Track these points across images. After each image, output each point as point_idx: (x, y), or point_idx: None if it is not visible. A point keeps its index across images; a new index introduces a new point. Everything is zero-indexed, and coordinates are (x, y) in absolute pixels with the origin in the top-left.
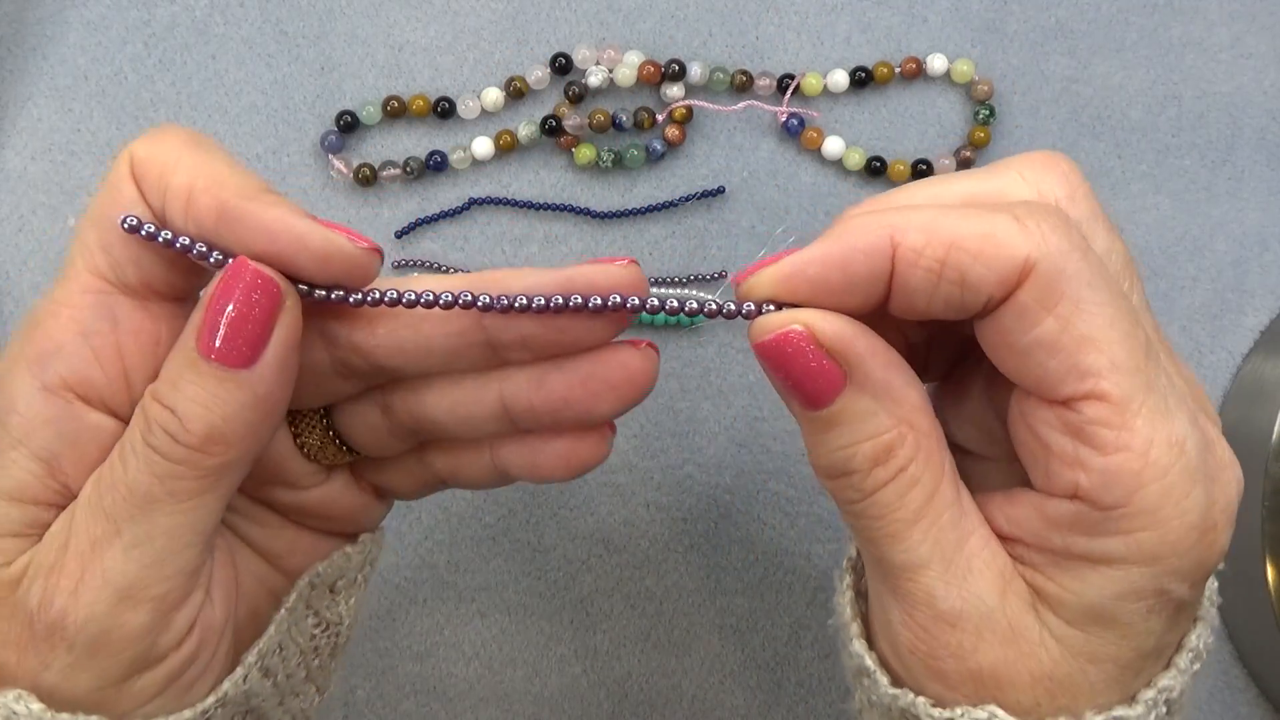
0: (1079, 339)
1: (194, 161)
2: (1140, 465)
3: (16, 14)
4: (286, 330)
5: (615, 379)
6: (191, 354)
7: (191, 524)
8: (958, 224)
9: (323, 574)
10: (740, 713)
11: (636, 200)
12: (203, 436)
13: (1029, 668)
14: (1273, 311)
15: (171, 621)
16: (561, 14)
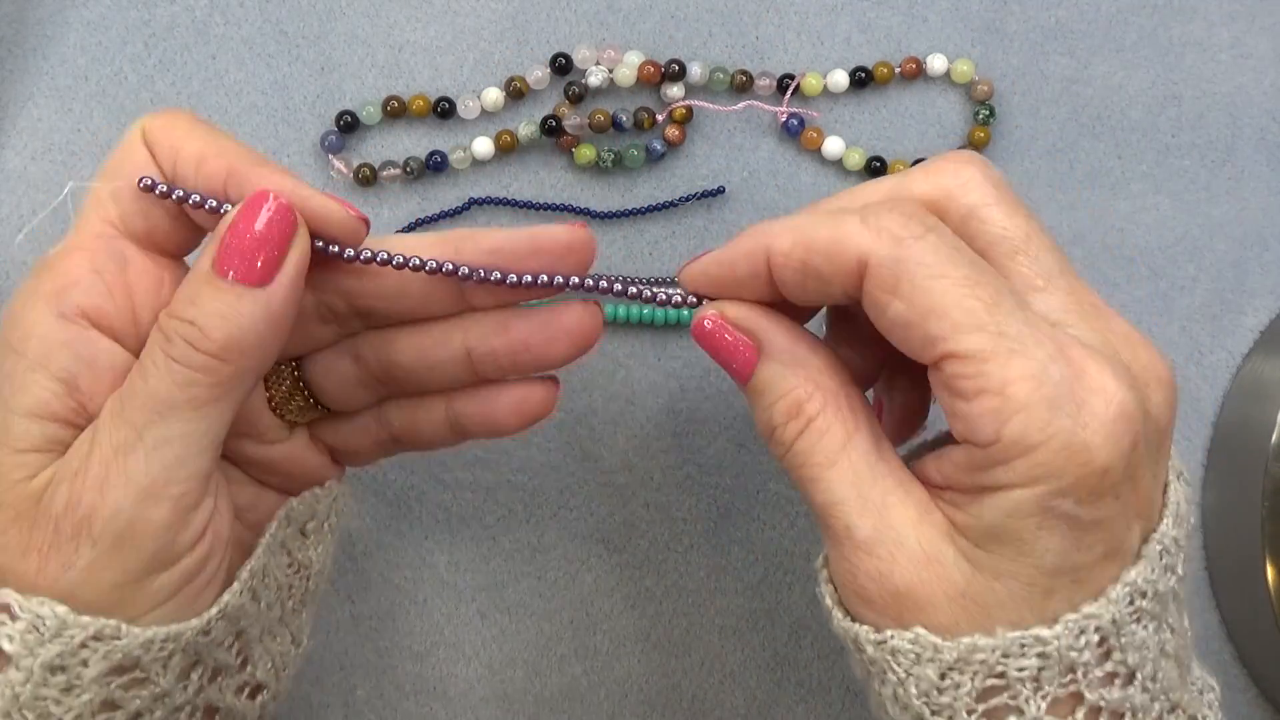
0: (924, 312)
1: (203, 133)
2: (999, 403)
3: (16, 14)
4: (299, 253)
5: (570, 326)
6: (209, 274)
7: (206, 430)
8: (815, 230)
9: (296, 510)
10: (740, 713)
11: (636, 200)
12: (221, 344)
13: (944, 588)
14: (1273, 311)
15: (189, 521)
16: (561, 14)
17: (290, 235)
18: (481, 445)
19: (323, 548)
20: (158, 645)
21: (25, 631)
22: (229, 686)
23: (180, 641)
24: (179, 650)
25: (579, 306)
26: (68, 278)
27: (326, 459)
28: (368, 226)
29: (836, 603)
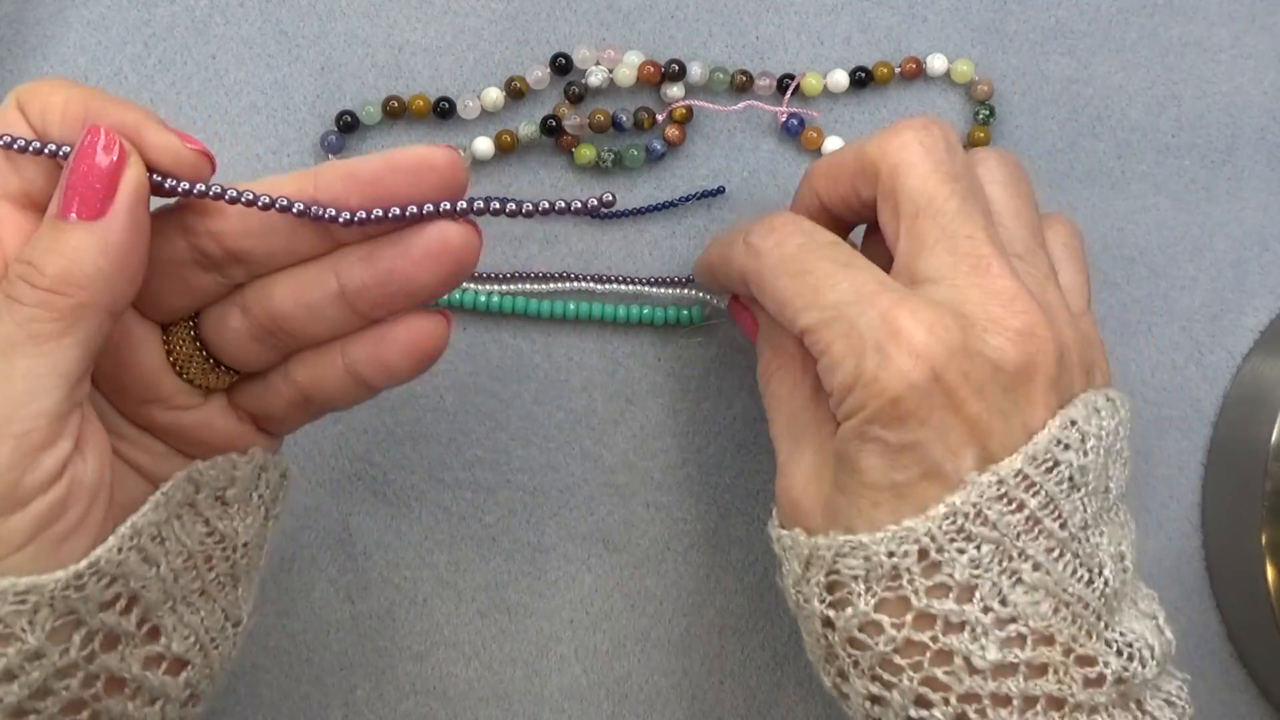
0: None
1: (70, 86)
2: (828, 361)
3: (16, 14)
4: (132, 182)
5: (435, 249)
6: (52, 219)
7: (51, 366)
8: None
9: (204, 473)
10: (740, 713)
11: (636, 200)
12: (55, 278)
13: (818, 501)
14: (1273, 311)
15: (36, 461)
16: (561, 14)
17: (119, 166)
18: (481, 445)
19: (251, 520)
20: (13, 596)
21: None
22: (134, 657)
23: (44, 595)
24: (44, 605)
25: (445, 224)
26: None
27: (250, 427)
28: (212, 162)
29: (779, 525)
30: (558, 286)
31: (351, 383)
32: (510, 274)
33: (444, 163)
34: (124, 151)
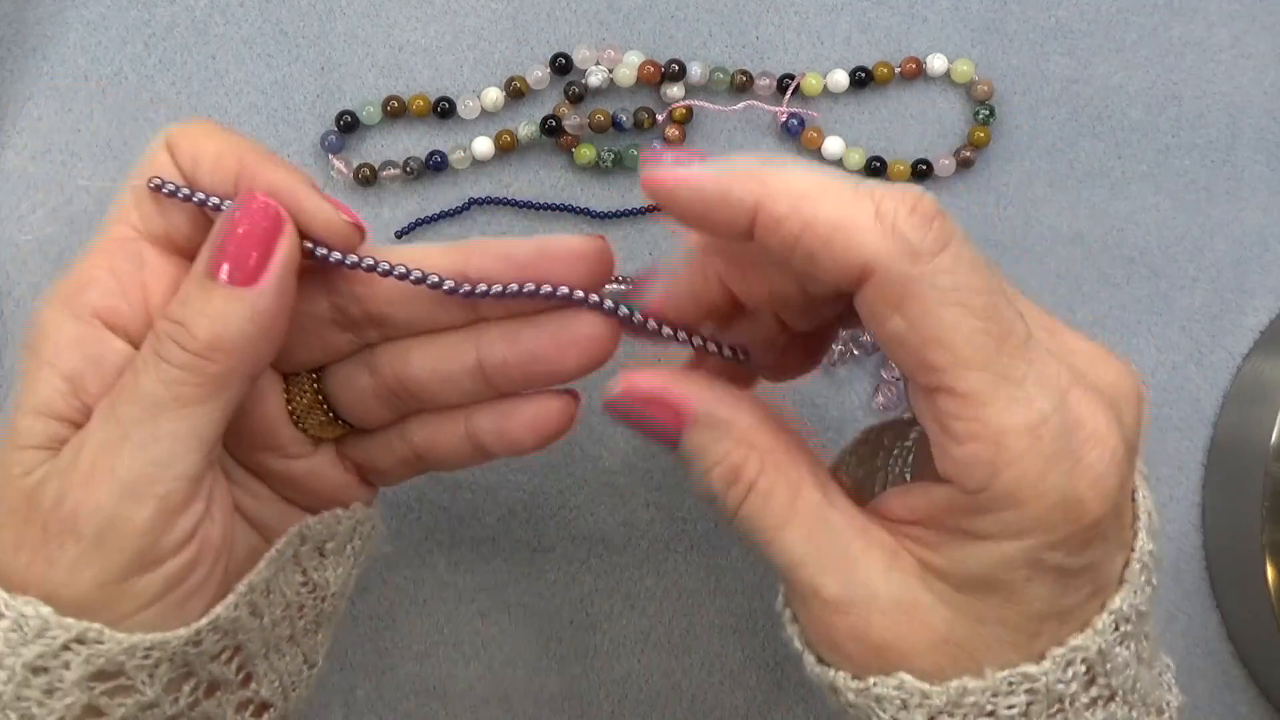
0: (925, 339)
1: (222, 138)
2: (993, 453)
3: (16, 14)
4: (285, 253)
5: (581, 336)
6: (200, 275)
7: (194, 430)
8: (819, 204)
9: (312, 528)
10: (740, 713)
11: (636, 200)
12: (206, 343)
13: (925, 636)
14: (1273, 311)
15: (173, 523)
16: (561, 14)
17: (276, 232)
18: None
19: (342, 570)
20: (140, 652)
21: (9, 630)
22: (229, 702)
23: (166, 650)
24: (165, 659)
25: (593, 314)
26: (84, 278)
27: (354, 478)
28: (362, 232)
29: (807, 646)
30: None
31: (470, 449)
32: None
33: (595, 254)
34: (282, 221)
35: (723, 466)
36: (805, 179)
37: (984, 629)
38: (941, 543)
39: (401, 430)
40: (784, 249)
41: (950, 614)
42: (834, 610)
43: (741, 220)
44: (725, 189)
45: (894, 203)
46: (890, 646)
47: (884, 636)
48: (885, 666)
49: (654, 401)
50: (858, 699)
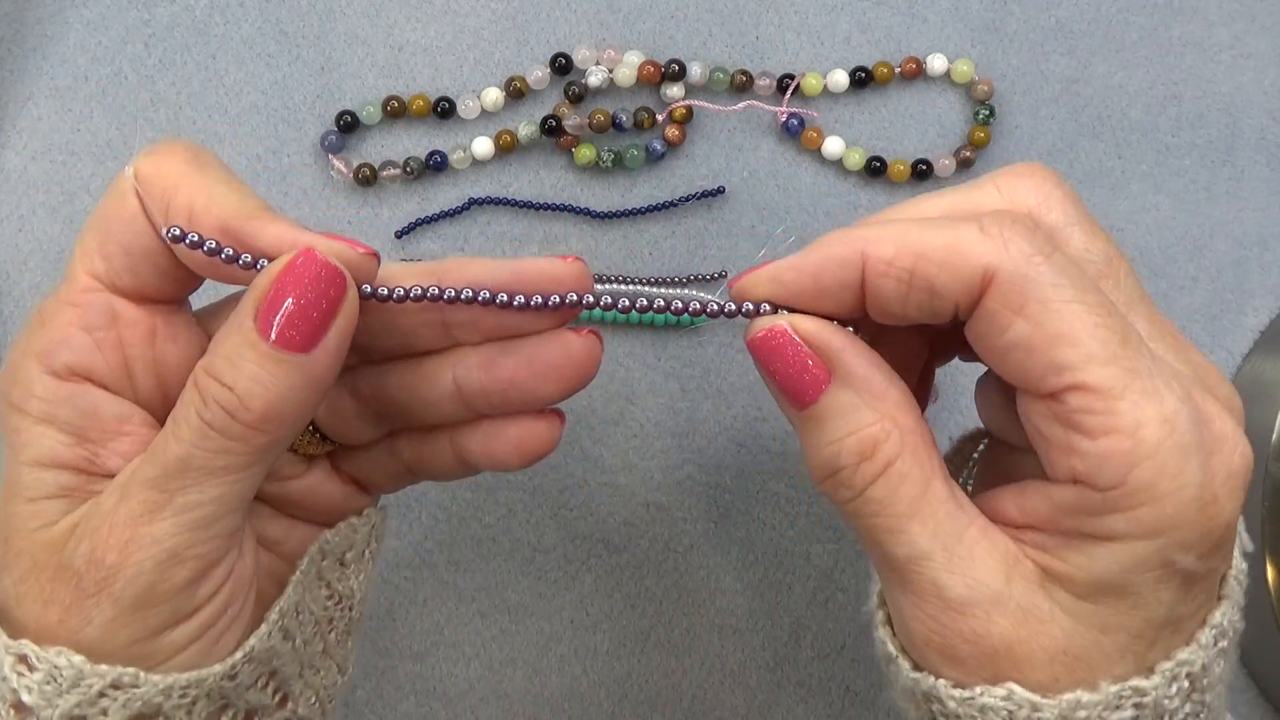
0: (1052, 337)
1: (195, 181)
2: (1130, 445)
3: (16, 14)
4: (346, 320)
5: (558, 362)
6: (251, 335)
7: (238, 493)
8: (924, 235)
9: (331, 542)
10: (740, 713)
11: (636, 200)
12: (261, 415)
13: (1043, 644)
14: (1273, 311)
15: (210, 575)
16: (561, 14)
17: (339, 299)
18: None
19: (364, 576)
20: (178, 692)
21: (43, 683)
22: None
23: (203, 687)
24: (202, 696)
25: (569, 338)
26: (57, 335)
27: (352, 489)
28: (378, 260)
29: (901, 651)
30: None
31: (458, 465)
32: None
33: (571, 278)
34: (344, 286)
35: (859, 437)
36: (893, 224)
37: (1105, 638)
38: (1063, 547)
39: (391, 445)
40: (899, 286)
41: (1071, 623)
42: (955, 610)
43: (852, 277)
44: (825, 254)
45: (995, 217)
46: (1008, 653)
47: (1005, 642)
48: (996, 675)
49: (804, 349)
50: (959, 708)
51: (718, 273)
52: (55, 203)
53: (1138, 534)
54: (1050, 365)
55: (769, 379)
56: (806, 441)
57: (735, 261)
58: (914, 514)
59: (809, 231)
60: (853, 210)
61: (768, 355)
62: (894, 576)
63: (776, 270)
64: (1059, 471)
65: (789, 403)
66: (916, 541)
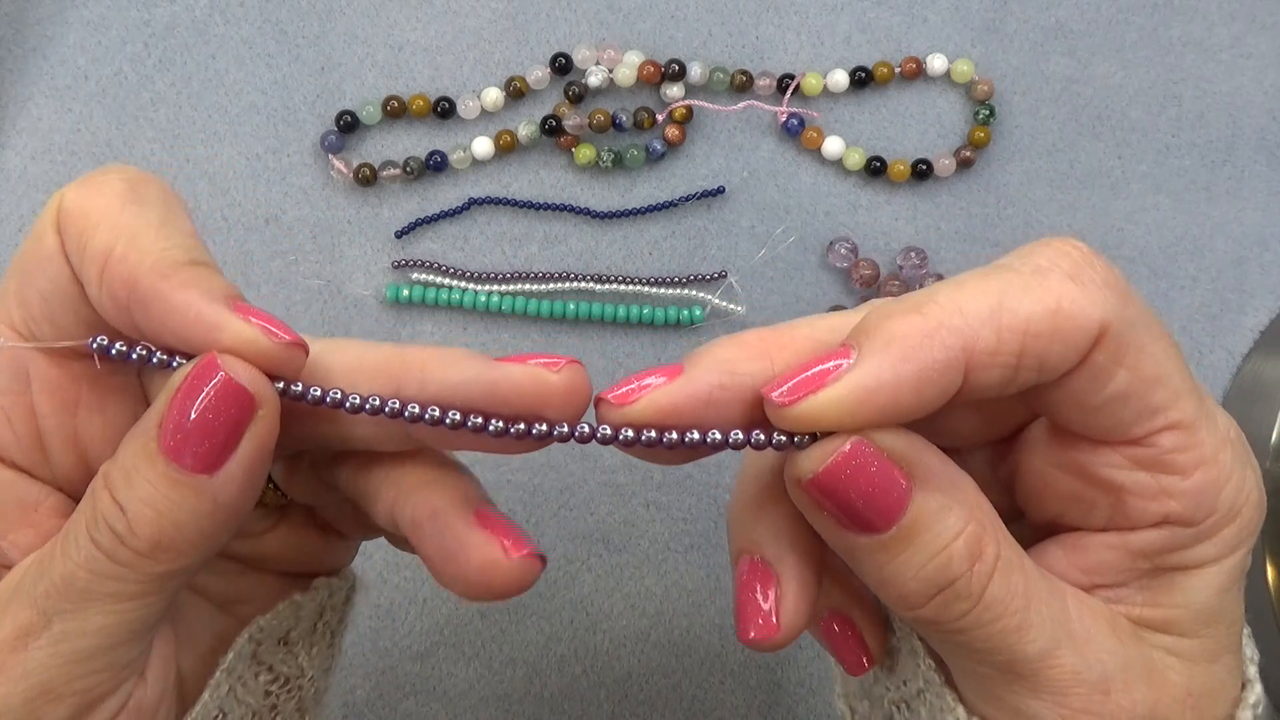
0: (1148, 381)
1: (119, 222)
2: (1216, 473)
3: (16, 14)
4: (256, 440)
5: (472, 578)
6: (150, 446)
7: (128, 623)
8: (1021, 305)
9: (265, 628)
10: (740, 713)
11: (636, 200)
12: (150, 543)
13: (1173, 695)
14: (1273, 311)
15: (94, 712)
16: (561, 14)
17: (244, 419)
18: None
19: (317, 649)
20: None
21: None
22: None
23: None
24: None
25: (496, 552)
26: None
27: (334, 536)
28: (305, 351)
29: None
30: (558, 286)
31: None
32: (510, 274)
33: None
34: (251, 405)
35: (966, 538)
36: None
37: (1217, 667)
38: (1146, 592)
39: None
40: (1005, 374)
41: (1186, 665)
42: (1101, 693)
43: (955, 382)
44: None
45: (1067, 258)
46: (1153, 716)
47: (1149, 707)
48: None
49: (888, 459)
50: None
51: (717, 273)
52: None
53: (1226, 553)
54: (1145, 409)
55: (838, 512)
56: (894, 570)
57: (735, 261)
58: (1030, 604)
59: (809, 231)
60: (853, 210)
61: (844, 484)
62: (1022, 683)
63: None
64: (1144, 518)
65: (867, 529)
66: (1045, 632)
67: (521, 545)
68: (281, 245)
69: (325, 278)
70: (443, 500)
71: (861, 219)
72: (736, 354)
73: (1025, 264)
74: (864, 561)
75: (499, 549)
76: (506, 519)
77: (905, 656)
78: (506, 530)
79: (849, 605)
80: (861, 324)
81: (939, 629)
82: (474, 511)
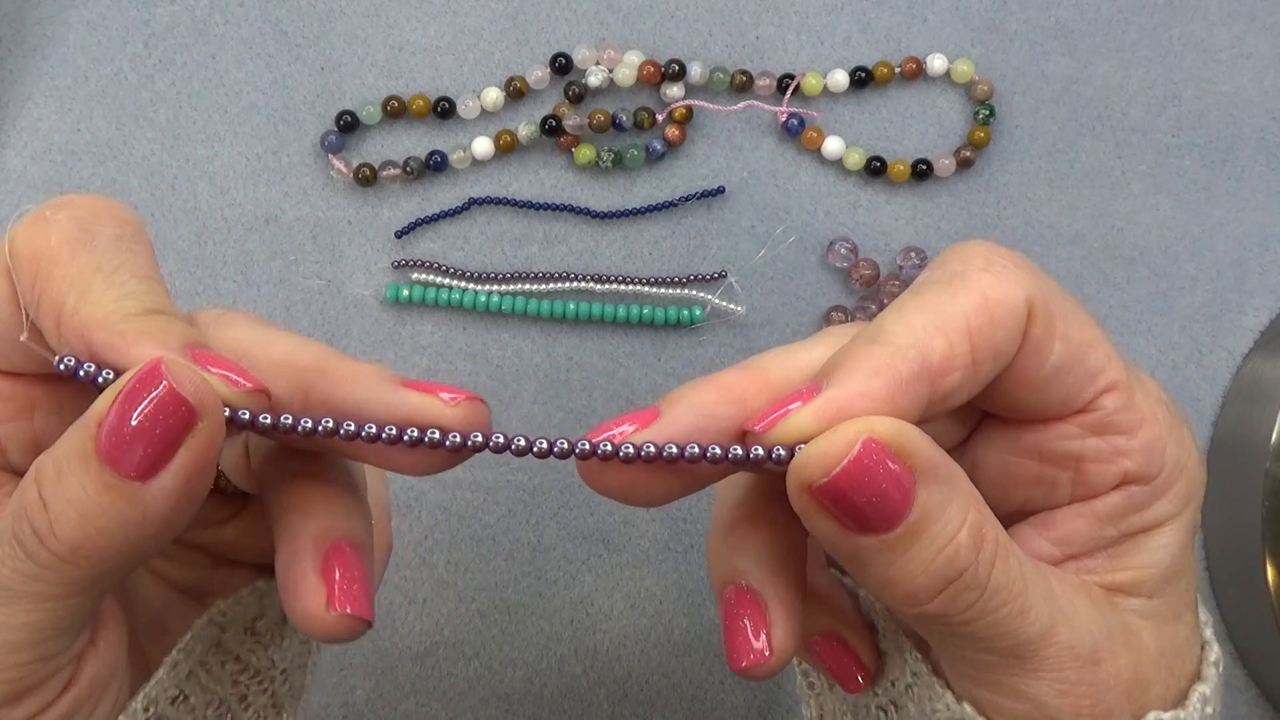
0: (1081, 346)
1: (69, 272)
2: (1156, 431)
3: (16, 14)
4: (193, 453)
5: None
6: (88, 446)
7: (53, 622)
8: (954, 308)
9: (228, 613)
10: (740, 713)
11: (636, 200)
12: (69, 548)
13: (1147, 656)
14: (1273, 311)
15: (22, 703)
16: (561, 14)
17: (181, 430)
18: None
19: (289, 643)
20: None
21: None
22: None
23: None
24: None
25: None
26: None
27: None
28: (268, 397)
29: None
30: (558, 286)
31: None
32: (510, 274)
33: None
34: (190, 417)
35: (969, 527)
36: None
37: (1180, 625)
38: (1114, 559)
39: None
40: (965, 373)
41: (1154, 626)
42: (1091, 665)
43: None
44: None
45: (977, 256)
46: (1137, 681)
47: (1133, 671)
48: (1135, 709)
49: (893, 454)
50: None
51: (717, 273)
52: None
53: (1181, 509)
54: (1086, 374)
55: (844, 514)
56: (898, 564)
57: (735, 261)
58: (1028, 585)
59: (809, 231)
60: (853, 210)
61: (860, 483)
62: (1021, 665)
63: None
64: (1104, 481)
65: (874, 530)
66: (1043, 612)
67: (347, 601)
68: (281, 245)
69: (325, 278)
70: (303, 529)
71: (861, 219)
72: (711, 397)
73: (943, 273)
74: (869, 563)
75: (322, 599)
76: (357, 569)
77: (892, 656)
78: (346, 582)
79: (836, 624)
80: (826, 364)
81: (945, 622)
82: (326, 550)
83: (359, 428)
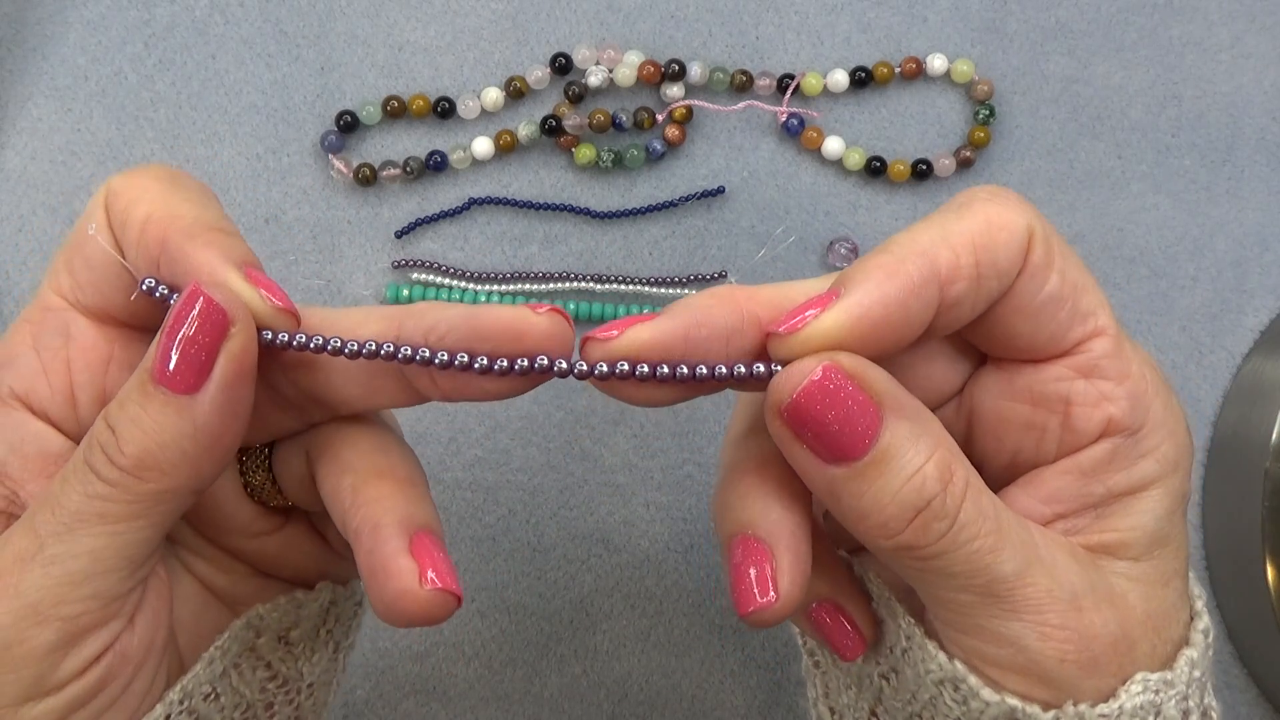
0: (1075, 286)
1: (157, 195)
2: (1143, 386)
3: (16, 14)
4: (231, 358)
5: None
6: (144, 376)
7: (117, 548)
8: (960, 227)
9: (265, 618)
10: (740, 713)
11: (636, 200)
12: (135, 459)
13: (1133, 616)
14: (1273, 311)
15: (79, 646)
16: (561, 14)
17: (218, 335)
18: (481, 445)
19: (319, 657)
20: None
21: None
22: None
23: None
24: None
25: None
26: (7, 353)
27: (333, 549)
28: (296, 318)
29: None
30: (558, 286)
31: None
32: (510, 274)
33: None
34: (224, 322)
35: (936, 460)
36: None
37: (1169, 591)
38: (1101, 519)
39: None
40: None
41: (1141, 589)
42: (1076, 609)
43: (934, 296)
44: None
45: (984, 190)
46: (1126, 636)
47: (1117, 623)
48: (1121, 665)
49: (857, 385)
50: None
51: (717, 273)
52: (55, 203)
53: (1166, 472)
54: (1077, 314)
55: (813, 437)
56: (869, 494)
57: (735, 261)
58: (1001, 524)
59: (809, 231)
60: (853, 210)
61: (823, 405)
62: (1000, 605)
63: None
64: (1089, 428)
65: (842, 457)
66: (1019, 551)
67: (442, 579)
68: (281, 245)
69: (325, 278)
70: (386, 517)
71: (861, 219)
72: (710, 302)
73: (951, 205)
74: (842, 495)
75: (416, 577)
76: (441, 552)
77: (888, 623)
78: (435, 562)
79: (835, 593)
80: (840, 276)
81: (919, 555)
82: (411, 535)
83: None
